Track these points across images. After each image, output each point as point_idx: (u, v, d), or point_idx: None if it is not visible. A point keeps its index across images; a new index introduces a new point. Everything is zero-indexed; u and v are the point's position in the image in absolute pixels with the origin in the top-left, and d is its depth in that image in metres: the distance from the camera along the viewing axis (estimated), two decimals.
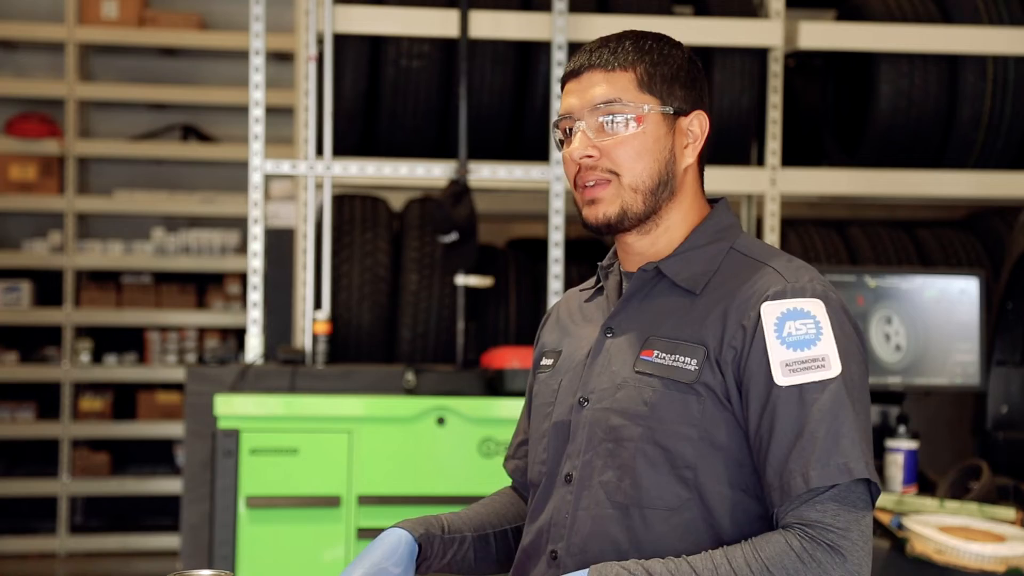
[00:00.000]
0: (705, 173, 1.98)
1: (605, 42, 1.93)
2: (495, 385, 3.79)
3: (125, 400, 7.31)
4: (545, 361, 2.03)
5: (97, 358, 7.21)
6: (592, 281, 2.07)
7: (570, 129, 1.92)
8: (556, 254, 4.12)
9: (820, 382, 1.75)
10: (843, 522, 1.72)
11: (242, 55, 5.77)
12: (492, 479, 3.50)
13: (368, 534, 3.63)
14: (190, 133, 7.56)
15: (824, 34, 4.43)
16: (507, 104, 4.38)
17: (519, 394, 3.65)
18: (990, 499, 3.35)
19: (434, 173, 4.15)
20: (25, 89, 7.23)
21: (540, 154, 4.28)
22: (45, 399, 7.19)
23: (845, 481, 1.72)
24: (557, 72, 4.11)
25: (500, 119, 4.39)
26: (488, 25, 4.22)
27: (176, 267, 7.23)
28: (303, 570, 3.64)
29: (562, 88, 1.96)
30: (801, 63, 5.07)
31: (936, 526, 3.08)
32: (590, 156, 1.88)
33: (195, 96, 7.37)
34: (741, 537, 1.78)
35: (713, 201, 1.99)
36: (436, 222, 4.09)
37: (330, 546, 3.63)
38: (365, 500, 3.64)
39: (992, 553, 2.96)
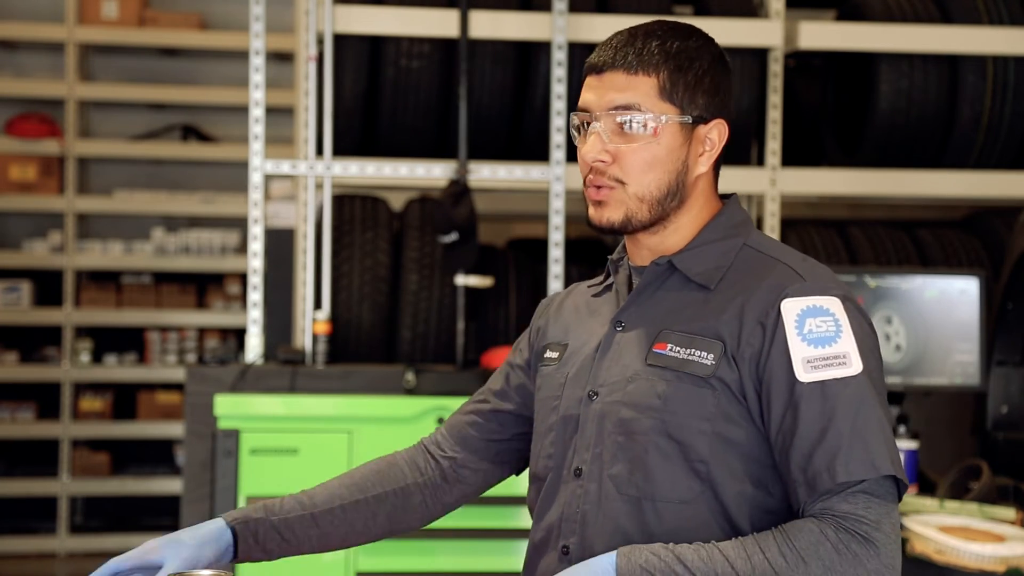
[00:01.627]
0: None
1: (632, 39, 1.88)
2: None
3: (125, 400, 7.31)
4: (550, 354, 2.01)
5: (97, 358, 7.21)
6: (601, 277, 2.05)
7: (587, 123, 1.90)
8: (556, 254, 4.12)
9: (842, 379, 1.75)
10: (875, 515, 1.71)
11: (242, 55, 5.77)
12: None
13: None
14: (190, 133, 7.56)
15: (824, 34, 4.43)
16: (507, 104, 4.37)
17: None
18: (990, 499, 3.35)
19: (434, 173, 4.15)
20: (25, 89, 7.22)
21: (540, 154, 4.28)
22: (45, 399, 7.18)
23: (871, 477, 1.72)
24: (557, 72, 4.11)
25: (500, 119, 4.39)
26: (488, 25, 4.22)
27: (176, 267, 7.22)
28: (303, 570, 3.62)
29: (584, 78, 1.92)
30: (801, 63, 5.07)
31: (936, 526, 3.07)
32: (602, 161, 1.86)
33: (195, 96, 7.37)
34: (752, 530, 1.78)
35: (724, 197, 1.97)
36: (436, 222, 4.09)
37: None
38: None
39: (992, 553, 2.95)
